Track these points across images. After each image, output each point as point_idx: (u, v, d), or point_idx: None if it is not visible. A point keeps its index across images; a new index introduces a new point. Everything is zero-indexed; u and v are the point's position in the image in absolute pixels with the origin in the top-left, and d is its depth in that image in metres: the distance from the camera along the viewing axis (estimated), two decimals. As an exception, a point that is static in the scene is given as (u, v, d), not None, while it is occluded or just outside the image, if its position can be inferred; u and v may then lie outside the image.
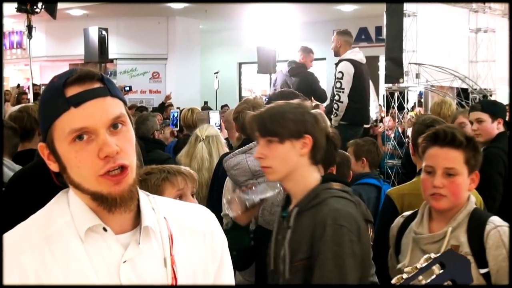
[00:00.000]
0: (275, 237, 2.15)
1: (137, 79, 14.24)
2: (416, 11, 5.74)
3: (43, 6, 8.97)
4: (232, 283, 1.39)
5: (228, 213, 2.36)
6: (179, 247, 1.28)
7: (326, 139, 2.13)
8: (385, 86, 5.99)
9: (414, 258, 2.17)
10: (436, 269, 1.22)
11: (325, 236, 1.95)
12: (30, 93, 10.12)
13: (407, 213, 2.41)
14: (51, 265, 1.18)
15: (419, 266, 1.22)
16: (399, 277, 1.22)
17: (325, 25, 13.23)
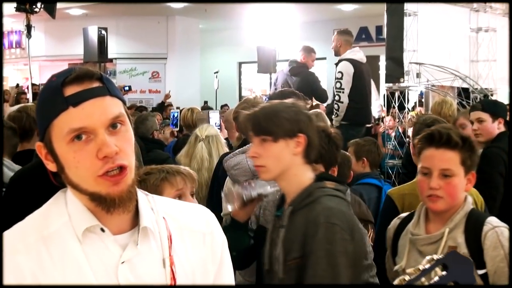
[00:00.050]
0: (270, 237, 2.15)
1: (137, 79, 14.22)
2: (416, 10, 5.72)
3: (42, 5, 8.96)
4: (232, 283, 1.38)
5: (225, 206, 2.34)
6: (178, 248, 1.27)
7: (328, 139, 2.12)
8: (385, 85, 5.97)
9: (411, 259, 2.16)
10: (438, 271, 1.22)
11: (317, 234, 1.95)
12: (29, 93, 10.10)
13: (404, 214, 2.40)
14: (48, 266, 1.17)
15: (421, 267, 1.22)
16: (401, 279, 1.22)
17: (325, 24, 13.23)
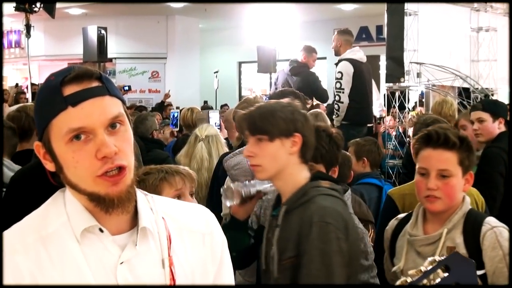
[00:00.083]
0: (266, 236, 2.15)
1: (136, 79, 14.21)
2: (417, 10, 5.72)
3: (42, 5, 8.95)
4: (232, 283, 1.37)
5: (223, 201, 2.33)
6: (178, 248, 1.27)
7: (328, 139, 2.11)
8: (386, 85, 5.96)
9: (409, 260, 2.15)
10: (440, 272, 1.21)
11: (311, 233, 1.94)
12: (28, 93, 10.09)
13: (401, 215, 2.39)
14: (47, 266, 1.17)
15: (423, 269, 1.21)
16: (403, 280, 1.21)
17: (325, 24, 13.23)
